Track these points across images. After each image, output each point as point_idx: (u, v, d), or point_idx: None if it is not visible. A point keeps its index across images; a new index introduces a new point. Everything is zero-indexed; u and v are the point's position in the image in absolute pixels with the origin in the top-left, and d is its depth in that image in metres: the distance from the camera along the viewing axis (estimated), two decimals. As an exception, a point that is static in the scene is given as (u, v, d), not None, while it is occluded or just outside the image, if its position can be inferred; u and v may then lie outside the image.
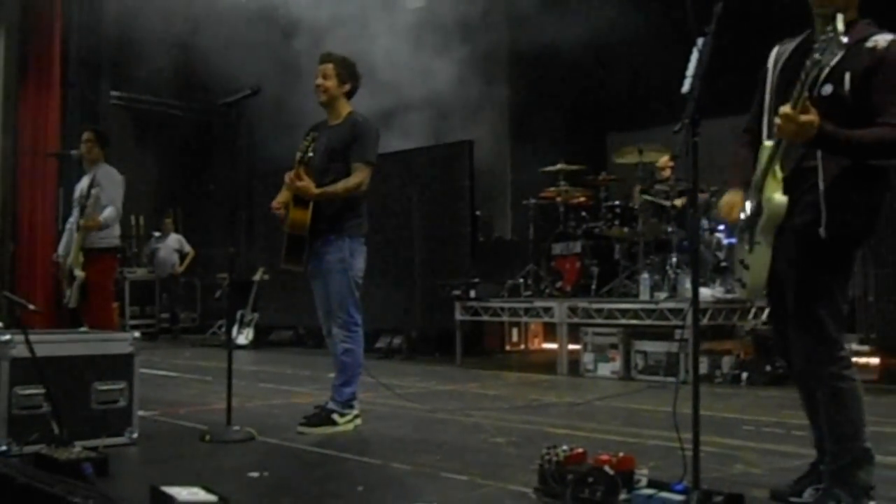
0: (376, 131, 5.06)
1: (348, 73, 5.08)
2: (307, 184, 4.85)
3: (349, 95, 5.12)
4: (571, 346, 8.22)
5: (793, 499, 3.22)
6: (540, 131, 11.48)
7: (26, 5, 12.23)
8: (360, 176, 4.91)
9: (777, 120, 2.85)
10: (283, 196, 5.08)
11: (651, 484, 3.10)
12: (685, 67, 3.11)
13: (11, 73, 12.39)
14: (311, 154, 4.94)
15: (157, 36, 11.95)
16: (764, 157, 3.07)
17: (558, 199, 9.40)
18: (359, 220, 5.01)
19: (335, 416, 4.91)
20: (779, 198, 3.00)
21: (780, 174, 3.03)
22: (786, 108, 2.82)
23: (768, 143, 3.06)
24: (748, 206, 3.19)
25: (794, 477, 3.33)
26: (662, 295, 7.73)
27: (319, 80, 5.04)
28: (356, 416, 4.99)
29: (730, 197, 3.27)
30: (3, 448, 4.05)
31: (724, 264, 7.81)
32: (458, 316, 9.05)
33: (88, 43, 12.74)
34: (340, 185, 4.90)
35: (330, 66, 5.04)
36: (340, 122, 5.06)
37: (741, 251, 3.23)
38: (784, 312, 3.12)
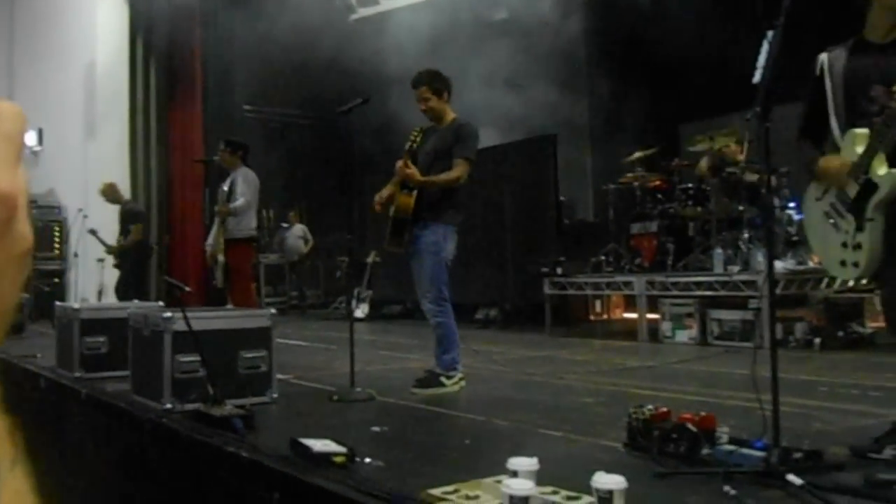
0: (476, 132, 5.07)
1: (440, 84, 5.10)
2: (414, 171, 4.93)
3: (448, 101, 5.14)
4: (650, 316, 8.05)
5: (872, 455, 3.01)
6: (617, 124, 11.26)
7: (172, 38, 12.64)
8: (459, 170, 4.94)
9: None
10: (387, 190, 5.14)
11: (732, 441, 2.97)
12: (752, 57, 2.99)
13: (162, 93, 12.93)
14: (415, 145, 4.99)
15: (281, 55, 12.15)
16: (859, 142, 2.96)
17: (636, 183, 9.20)
18: (455, 209, 5.02)
19: (443, 379, 4.92)
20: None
21: (882, 154, 2.93)
22: None
23: (861, 130, 2.95)
24: (832, 191, 3.06)
25: (873, 435, 3.12)
26: (735, 268, 7.50)
27: (423, 106, 5.10)
28: (461, 379, 4.99)
29: (831, 159, 3.09)
30: (168, 406, 4.19)
31: (795, 238, 7.54)
32: (547, 290, 8.97)
33: (224, 66, 13.10)
34: (442, 176, 4.96)
35: (424, 89, 5.07)
36: (446, 126, 5.10)
37: (840, 235, 3.04)
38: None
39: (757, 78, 2.95)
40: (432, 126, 5.18)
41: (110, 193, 9.83)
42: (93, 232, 9.69)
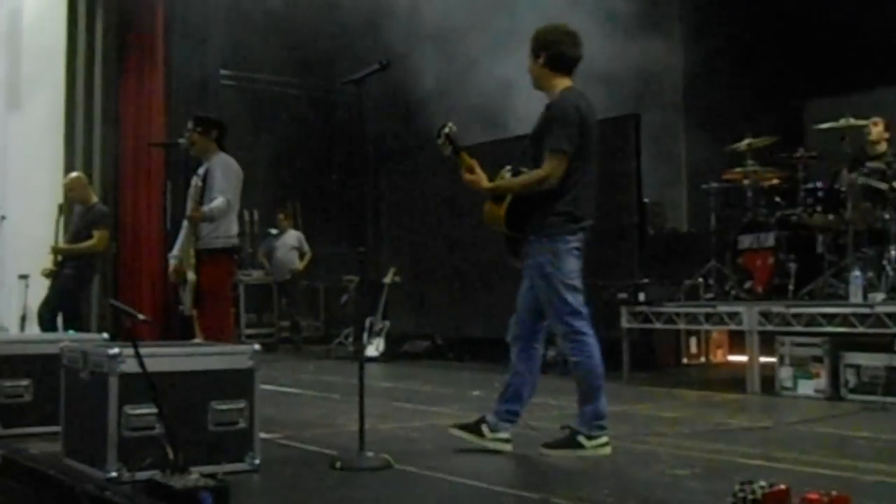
0: (565, 112, 5.03)
1: (537, 44, 5.19)
2: (476, 177, 5.05)
3: (555, 67, 5.17)
4: (764, 359, 8.00)
5: None
6: (721, 100, 11.20)
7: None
8: (545, 167, 4.95)
9: None
10: None
11: (873, 529, 2.96)
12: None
13: (111, 54, 12.66)
14: (446, 133, 5.04)
15: (268, 7, 12.21)
16: None
17: (745, 181, 9.15)
18: (558, 217, 5.02)
19: (581, 438, 4.96)
20: None
21: None
22: None
23: None
24: None
25: None
26: (879, 296, 7.42)
27: None
28: (605, 443, 4.99)
29: None
30: (113, 474, 4.16)
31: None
32: (625, 323, 8.92)
33: (194, 17, 13.06)
34: (518, 179, 5.05)
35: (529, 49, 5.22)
36: (550, 101, 5.17)
37: None
38: None
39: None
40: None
41: (80, 190, 9.69)
42: (61, 209, 9.52)
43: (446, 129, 5.04)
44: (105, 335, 6.25)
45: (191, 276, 6.89)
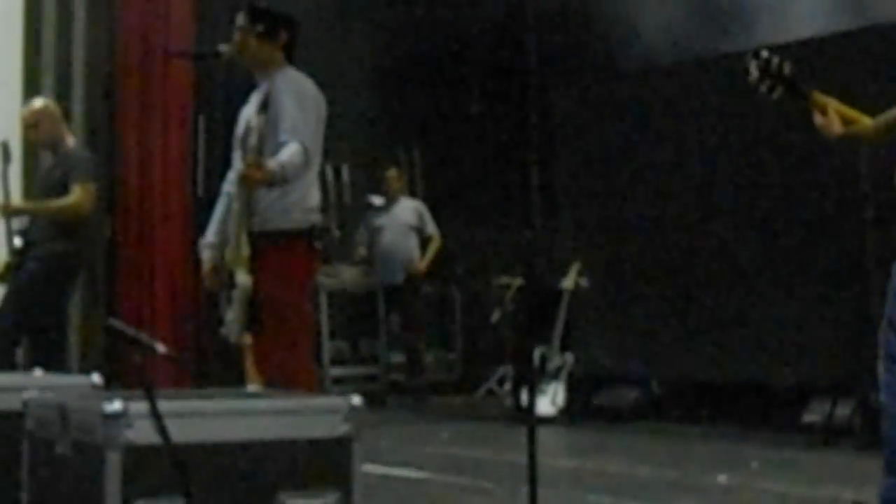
0: None
1: None
2: (828, 120, 5.16)
3: None
4: None
5: None
6: None
7: None
8: None
9: None
10: None
11: None
12: None
13: None
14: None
15: None
16: None
17: None
18: None
19: None
20: None
21: None
22: None
23: None
24: None
25: None
26: None
27: None
28: None
29: None
30: None
31: None
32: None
33: None
34: (872, 122, 5.17)
35: None
36: None
37: None
38: None
39: None
40: None
41: (48, 126, 9.77)
42: (6, 154, 9.55)
43: (773, 67, 5.15)
44: (97, 377, 6.22)
45: (242, 277, 6.84)
